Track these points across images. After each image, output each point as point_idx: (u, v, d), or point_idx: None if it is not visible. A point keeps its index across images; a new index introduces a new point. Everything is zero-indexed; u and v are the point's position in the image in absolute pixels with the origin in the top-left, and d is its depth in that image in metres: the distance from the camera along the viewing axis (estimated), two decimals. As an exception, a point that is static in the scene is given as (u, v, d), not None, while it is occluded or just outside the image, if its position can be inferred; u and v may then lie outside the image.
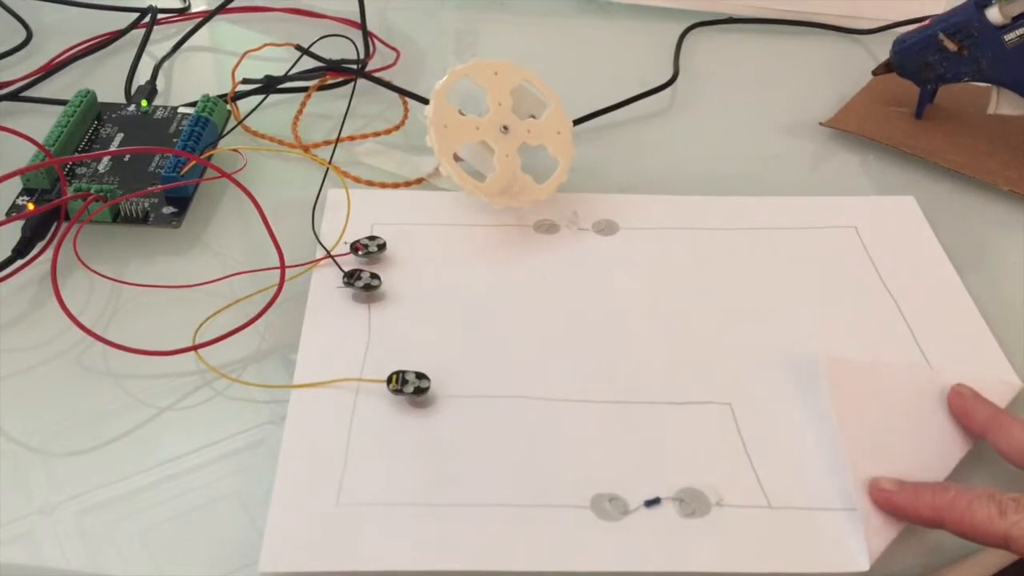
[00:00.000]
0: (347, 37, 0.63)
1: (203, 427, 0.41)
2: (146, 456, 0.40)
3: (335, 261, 0.47)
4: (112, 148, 0.53)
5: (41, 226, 0.47)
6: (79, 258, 0.47)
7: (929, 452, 0.39)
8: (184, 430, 0.41)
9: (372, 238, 0.48)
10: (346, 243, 0.48)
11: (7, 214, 0.49)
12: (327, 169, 0.52)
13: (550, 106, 0.52)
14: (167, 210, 0.50)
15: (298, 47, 0.59)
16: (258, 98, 0.58)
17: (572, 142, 0.52)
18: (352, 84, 0.59)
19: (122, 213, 0.49)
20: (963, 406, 0.40)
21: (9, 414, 0.41)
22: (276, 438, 0.40)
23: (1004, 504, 0.34)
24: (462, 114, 0.50)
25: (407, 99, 0.59)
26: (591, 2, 0.72)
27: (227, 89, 0.58)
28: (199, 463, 0.40)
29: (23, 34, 0.65)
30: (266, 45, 0.61)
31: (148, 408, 0.41)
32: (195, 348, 0.43)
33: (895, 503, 0.37)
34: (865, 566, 0.35)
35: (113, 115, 0.56)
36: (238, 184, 0.46)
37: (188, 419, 0.41)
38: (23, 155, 0.50)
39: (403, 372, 0.41)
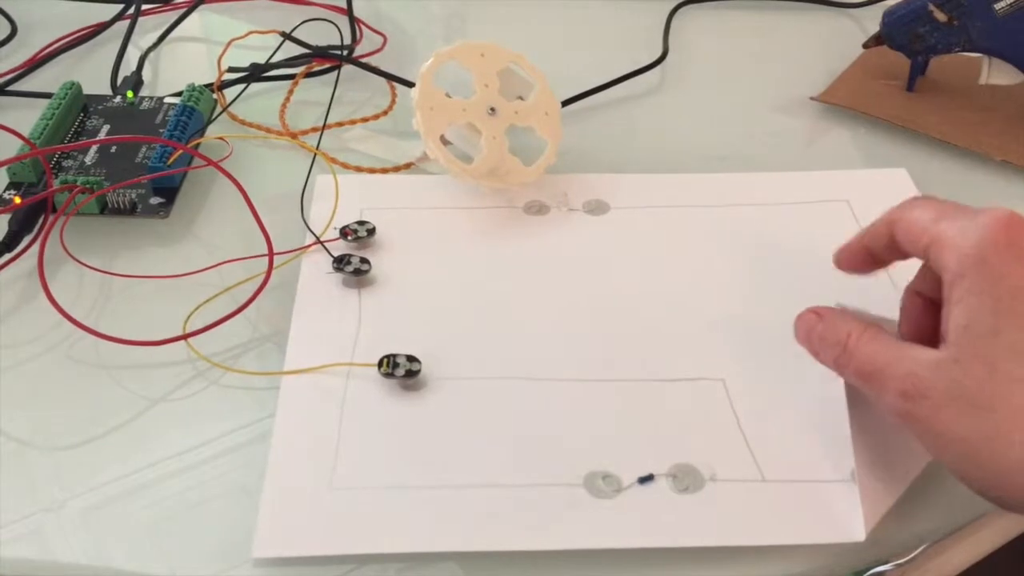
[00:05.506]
0: (333, 22, 0.62)
1: (196, 418, 0.41)
2: (141, 448, 0.39)
3: (324, 246, 0.47)
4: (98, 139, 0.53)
5: (28, 219, 0.47)
6: (67, 251, 0.46)
7: None
8: (178, 421, 0.41)
9: (361, 223, 0.48)
10: (335, 229, 0.47)
11: (-7, 208, 0.48)
12: (315, 156, 0.52)
13: (537, 87, 0.51)
14: (155, 200, 0.49)
15: (282, 33, 0.59)
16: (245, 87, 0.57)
17: (560, 123, 0.51)
18: (338, 70, 0.59)
19: (109, 205, 0.49)
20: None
21: (1, 409, 0.41)
22: (271, 426, 0.39)
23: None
24: (448, 96, 0.49)
25: (394, 85, 0.59)
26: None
27: (213, 78, 0.58)
28: (194, 455, 0.39)
29: (8, 28, 0.64)
30: (251, 33, 0.61)
31: (141, 400, 0.41)
32: (185, 337, 0.42)
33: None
34: (861, 536, 0.35)
35: (99, 107, 0.55)
36: (225, 172, 0.46)
37: (181, 410, 0.41)
38: (9, 150, 0.50)
39: (394, 355, 0.41)
